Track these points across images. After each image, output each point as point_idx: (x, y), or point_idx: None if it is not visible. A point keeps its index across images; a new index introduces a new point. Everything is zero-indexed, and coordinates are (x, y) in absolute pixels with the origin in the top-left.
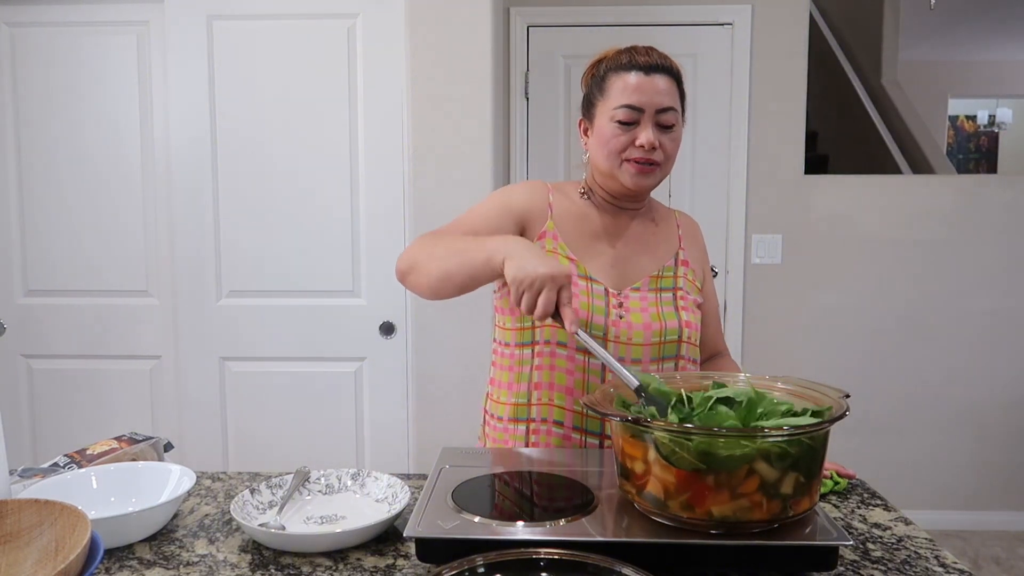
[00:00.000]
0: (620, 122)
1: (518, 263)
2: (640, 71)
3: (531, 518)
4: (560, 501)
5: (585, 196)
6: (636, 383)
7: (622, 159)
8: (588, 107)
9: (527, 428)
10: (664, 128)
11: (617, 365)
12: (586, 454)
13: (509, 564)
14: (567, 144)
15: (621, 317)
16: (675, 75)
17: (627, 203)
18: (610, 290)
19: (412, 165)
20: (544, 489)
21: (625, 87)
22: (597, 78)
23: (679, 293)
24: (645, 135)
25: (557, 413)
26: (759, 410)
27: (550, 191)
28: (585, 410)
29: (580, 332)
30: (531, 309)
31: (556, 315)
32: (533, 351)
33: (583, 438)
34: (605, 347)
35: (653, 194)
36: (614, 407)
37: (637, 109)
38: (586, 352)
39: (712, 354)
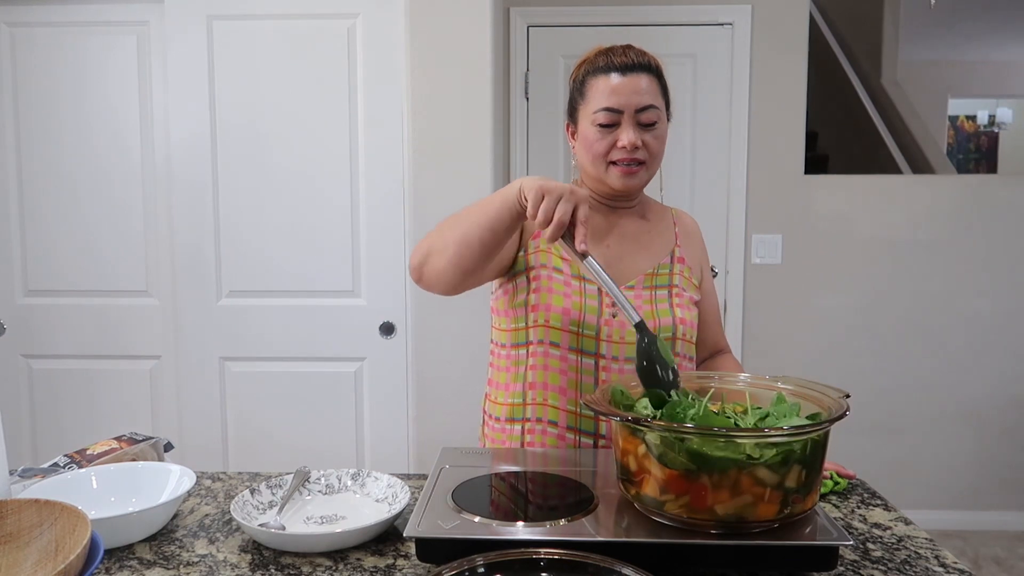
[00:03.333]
0: (601, 125)
1: (538, 181)
2: (617, 72)
3: (531, 518)
4: (560, 501)
5: None
6: (637, 318)
7: (607, 162)
8: (572, 111)
9: (522, 428)
10: (646, 126)
11: (621, 296)
12: (585, 454)
13: (509, 564)
14: (567, 144)
15: (614, 316)
16: (654, 71)
17: (619, 202)
18: (603, 289)
19: (412, 165)
20: (544, 489)
21: (603, 89)
22: (577, 82)
23: (674, 290)
24: (626, 136)
25: (551, 413)
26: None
27: None
28: (580, 409)
29: (590, 257)
30: (548, 219)
31: (566, 237)
32: (527, 351)
33: (577, 438)
34: (598, 347)
35: (649, 193)
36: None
37: (616, 111)
38: (579, 352)
39: (713, 352)
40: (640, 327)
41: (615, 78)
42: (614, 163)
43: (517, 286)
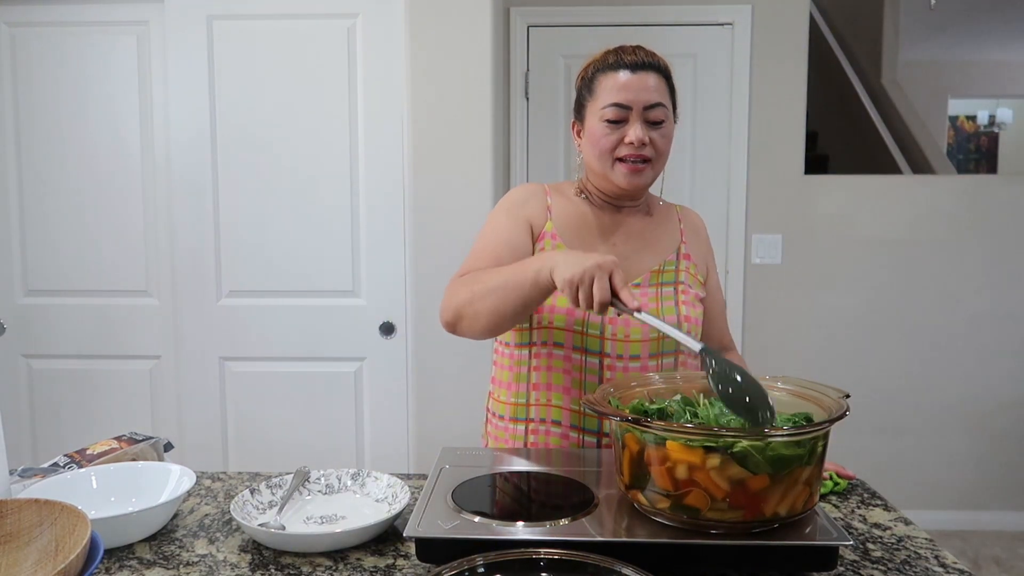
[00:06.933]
0: (609, 121)
1: (564, 267)
2: (627, 69)
3: (531, 518)
4: (560, 501)
5: (582, 196)
6: (699, 347)
7: (614, 158)
8: (579, 109)
9: (526, 428)
10: (653, 124)
11: (678, 333)
12: (586, 453)
13: (509, 564)
14: (567, 144)
15: (619, 315)
16: (663, 72)
17: (624, 201)
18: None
19: (412, 165)
20: (544, 489)
21: (612, 86)
22: (586, 80)
23: (680, 287)
24: (634, 131)
25: (555, 413)
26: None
27: (548, 192)
28: (584, 408)
29: (643, 312)
30: (590, 302)
31: (615, 302)
32: (531, 352)
33: (581, 437)
34: (603, 345)
35: (653, 191)
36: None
37: (625, 107)
38: (584, 351)
39: (719, 349)
40: (705, 352)
41: (625, 75)
42: (621, 160)
43: None
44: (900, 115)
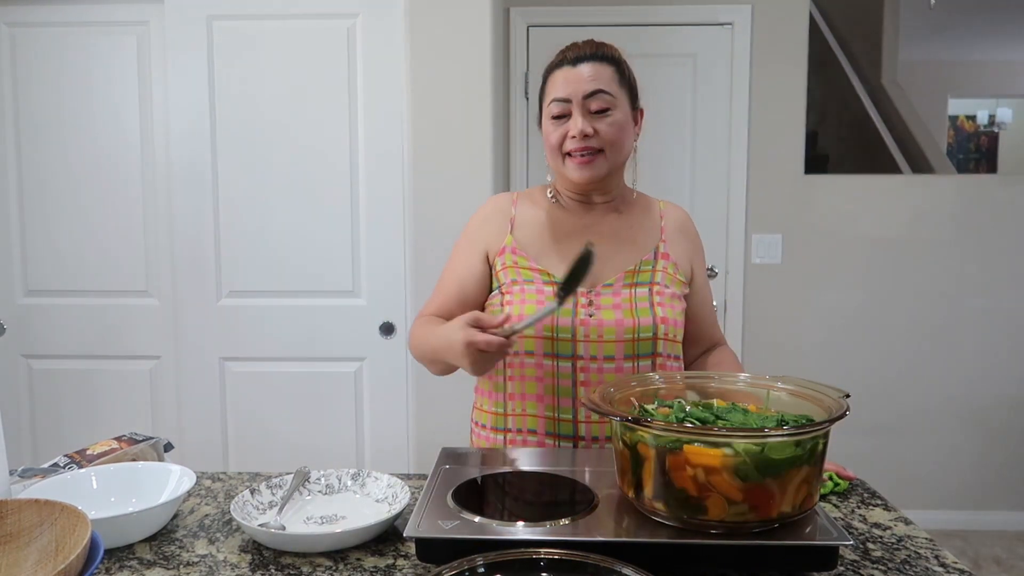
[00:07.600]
0: (554, 117)
1: (463, 364)
2: (569, 64)
3: (531, 518)
4: (560, 501)
5: (553, 199)
6: (554, 303)
7: (563, 153)
8: (539, 112)
9: (505, 438)
10: (597, 114)
11: (539, 311)
12: (584, 454)
13: (509, 564)
14: None
15: (591, 316)
16: (609, 60)
17: (594, 196)
18: (579, 290)
19: (412, 165)
20: (544, 489)
21: (555, 83)
22: (542, 83)
23: (655, 288)
24: (574, 124)
25: (531, 422)
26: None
27: (514, 202)
28: (558, 415)
29: (508, 324)
30: (500, 352)
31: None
32: (505, 361)
33: (557, 443)
34: (575, 348)
35: (645, 189)
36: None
37: (565, 100)
38: (555, 356)
39: (709, 347)
40: (560, 297)
41: (566, 70)
42: (570, 155)
43: (492, 300)
44: (900, 115)
